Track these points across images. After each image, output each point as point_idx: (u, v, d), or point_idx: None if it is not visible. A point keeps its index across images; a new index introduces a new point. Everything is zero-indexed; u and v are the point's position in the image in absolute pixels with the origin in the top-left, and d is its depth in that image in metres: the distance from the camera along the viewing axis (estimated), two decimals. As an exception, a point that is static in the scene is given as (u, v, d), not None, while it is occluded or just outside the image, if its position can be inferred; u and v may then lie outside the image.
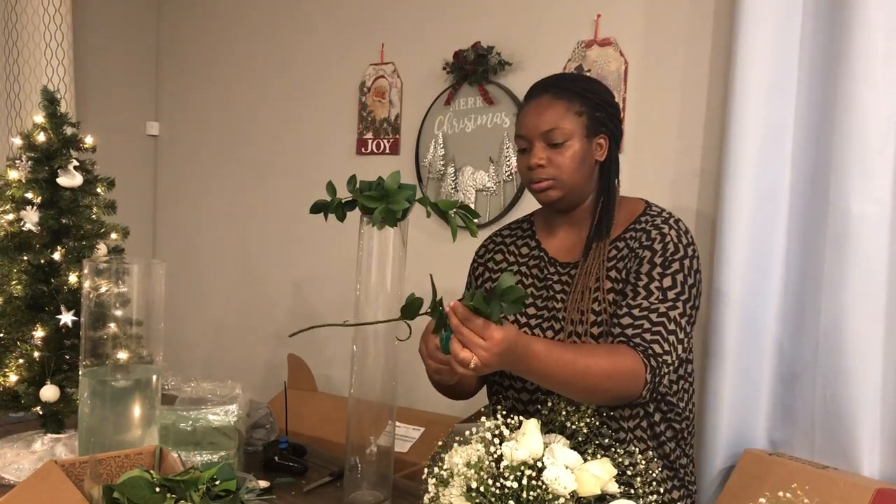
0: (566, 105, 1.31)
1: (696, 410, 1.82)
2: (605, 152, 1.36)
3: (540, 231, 1.46)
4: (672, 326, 1.22)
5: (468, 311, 1.01)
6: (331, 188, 1.24)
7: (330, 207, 1.23)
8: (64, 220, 1.41)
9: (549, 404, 1.21)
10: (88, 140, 1.45)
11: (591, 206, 1.38)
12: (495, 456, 0.92)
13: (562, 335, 1.32)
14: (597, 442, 1.10)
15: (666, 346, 1.21)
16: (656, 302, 1.23)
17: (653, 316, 1.22)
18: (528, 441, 0.92)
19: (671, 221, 1.32)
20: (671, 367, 1.22)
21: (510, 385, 1.42)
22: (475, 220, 1.26)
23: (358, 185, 1.20)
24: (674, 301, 1.24)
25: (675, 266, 1.26)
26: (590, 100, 1.33)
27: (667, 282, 1.25)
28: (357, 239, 1.23)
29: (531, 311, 1.38)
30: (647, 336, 1.20)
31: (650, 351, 1.19)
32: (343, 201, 1.23)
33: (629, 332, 1.22)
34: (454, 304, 1.03)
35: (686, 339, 1.25)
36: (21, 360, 1.36)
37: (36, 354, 1.36)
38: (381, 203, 1.17)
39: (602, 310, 1.28)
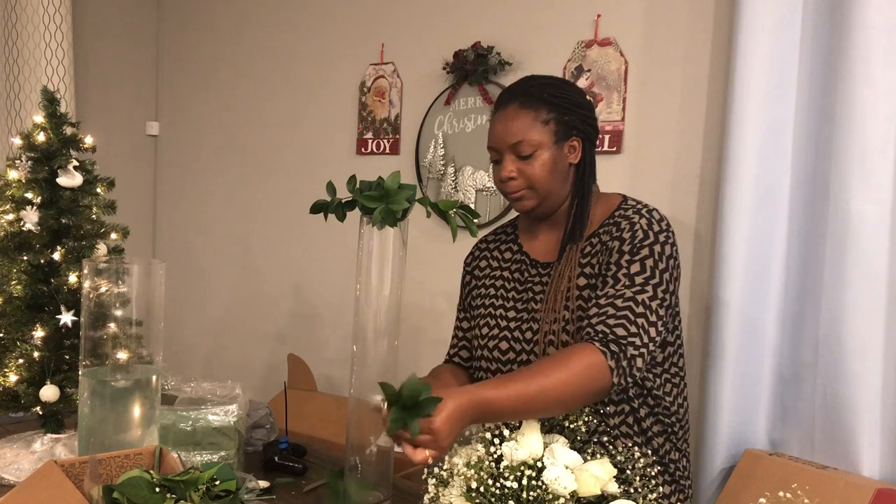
0: (532, 115, 1.30)
1: (697, 410, 1.82)
2: (579, 153, 1.34)
3: (522, 234, 1.46)
4: (640, 309, 1.19)
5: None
6: (331, 188, 1.24)
7: (330, 207, 1.23)
8: (64, 220, 1.41)
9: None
10: (88, 140, 1.45)
11: (568, 207, 1.37)
12: (495, 456, 0.92)
13: (539, 336, 1.32)
14: (595, 440, 1.10)
15: (632, 329, 1.17)
16: (622, 288, 1.21)
17: (618, 302, 1.20)
18: (528, 441, 0.92)
19: (643, 211, 1.30)
20: (642, 350, 1.17)
21: None
22: (475, 220, 1.26)
23: (358, 185, 1.20)
24: (642, 285, 1.21)
25: (644, 252, 1.24)
26: (557, 105, 1.30)
27: (634, 268, 1.23)
28: (357, 239, 1.23)
29: (511, 314, 1.38)
30: (611, 322, 1.18)
31: (611, 336, 1.16)
32: (343, 201, 1.23)
33: (594, 321, 1.20)
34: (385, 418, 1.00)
35: (659, 323, 1.21)
36: (21, 360, 1.36)
37: (36, 354, 1.36)
38: (381, 203, 1.17)
39: (576, 308, 1.28)
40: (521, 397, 1.07)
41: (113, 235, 1.47)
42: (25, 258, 1.38)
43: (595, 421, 1.29)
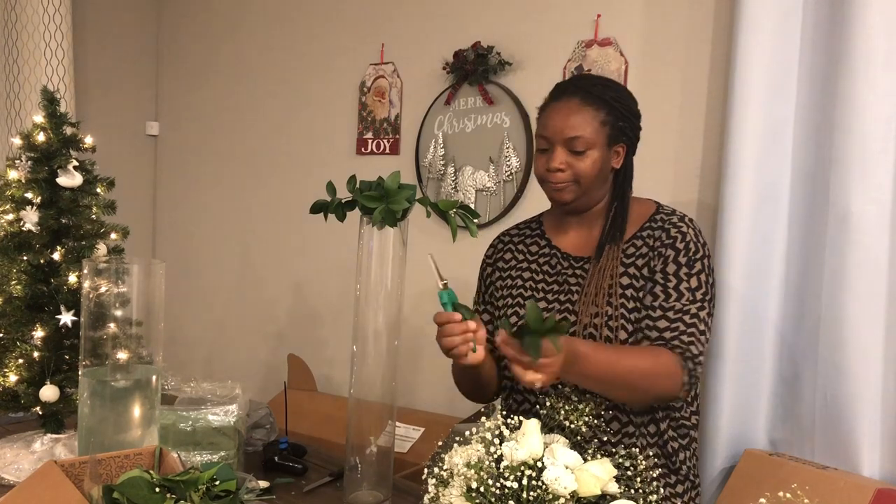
0: (593, 113, 1.32)
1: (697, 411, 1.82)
2: (622, 160, 1.39)
3: (550, 231, 1.49)
4: (702, 327, 1.29)
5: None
6: (331, 188, 1.24)
7: (330, 207, 1.23)
8: (64, 220, 1.41)
9: (549, 404, 1.20)
10: (88, 140, 1.45)
11: (603, 208, 1.41)
12: (495, 456, 0.92)
13: (577, 328, 1.34)
14: (597, 440, 1.10)
15: (701, 347, 1.28)
16: (687, 303, 1.29)
17: (686, 318, 1.28)
18: (528, 441, 0.92)
19: (686, 220, 1.36)
20: (702, 364, 1.29)
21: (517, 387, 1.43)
22: (475, 221, 1.26)
23: (358, 185, 1.20)
24: (701, 301, 1.30)
25: (698, 266, 1.32)
26: (616, 110, 1.34)
27: (693, 282, 1.30)
28: (357, 239, 1.23)
29: (542, 304, 1.40)
30: (685, 339, 1.27)
31: (688, 353, 1.26)
32: (343, 201, 1.23)
33: (667, 335, 1.28)
34: (504, 338, 1.09)
35: (709, 332, 1.32)
36: (21, 360, 1.36)
37: (36, 354, 1.36)
38: (381, 203, 1.17)
39: (619, 304, 1.32)
40: (609, 365, 1.20)
41: (113, 235, 1.47)
42: (25, 258, 1.38)
43: (615, 421, 1.30)
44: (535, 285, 1.44)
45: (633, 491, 0.97)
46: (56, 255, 1.38)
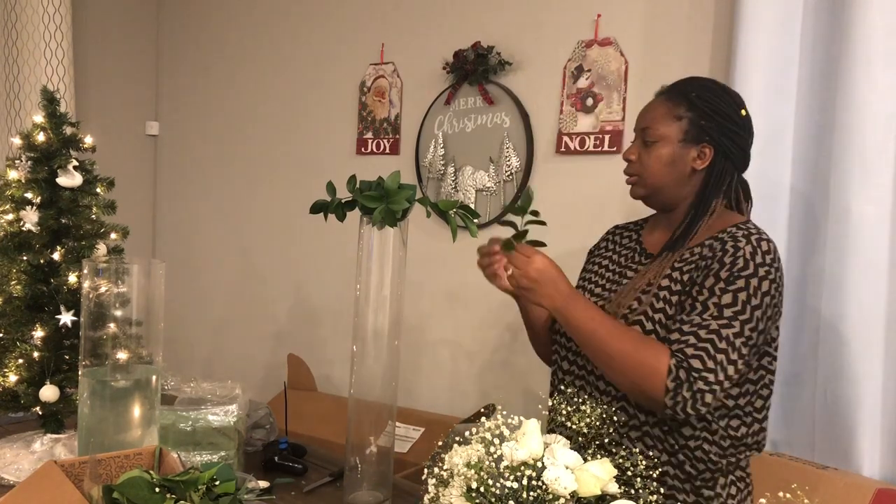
0: (669, 108, 1.30)
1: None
2: (708, 162, 1.30)
3: (647, 227, 1.45)
4: (722, 345, 1.15)
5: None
6: (331, 188, 1.24)
7: (330, 207, 1.23)
8: (64, 220, 1.40)
9: (550, 404, 1.20)
10: (88, 140, 1.45)
11: (684, 211, 1.34)
12: (495, 456, 0.92)
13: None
14: (597, 442, 1.10)
15: (709, 364, 1.14)
16: (709, 318, 1.17)
17: (702, 332, 1.16)
18: (528, 441, 0.92)
19: (753, 238, 1.22)
20: (714, 388, 1.14)
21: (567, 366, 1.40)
22: (475, 221, 1.26)
23: (358, 185, 1.20)
24: (730, 319, 1.16)
25: (740, 283, 1.18)
26: (697, 107, 1.29)
27: (726, 298, 1.17)
28: (357, 239, 1.23)
29: (598, 290, 1.40)
30: (689, 351, 1.15)
31: (685, 364, 1.15)
32: (343, 201, 1.23)
33: (674, 347, 1.18)
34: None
35: (740, 362, 1.16)
36: (21, 360, 1.36)
37: (36, 354, 1.36)
38: (381, 203, 1.17)
39: (647, 302, 1.26)
40: (593, 322, 1.21)
41: (113, 235, 1.47)
42: (25, 258, 1.38)
43: (623, 412, 1.28)
44: (605, 273, 1.42)
45: (633, 491, 0.97)
46: (56, 255, 1.38)
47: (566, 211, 2.09)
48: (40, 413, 1.40)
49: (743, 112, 1.31)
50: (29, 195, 1.37)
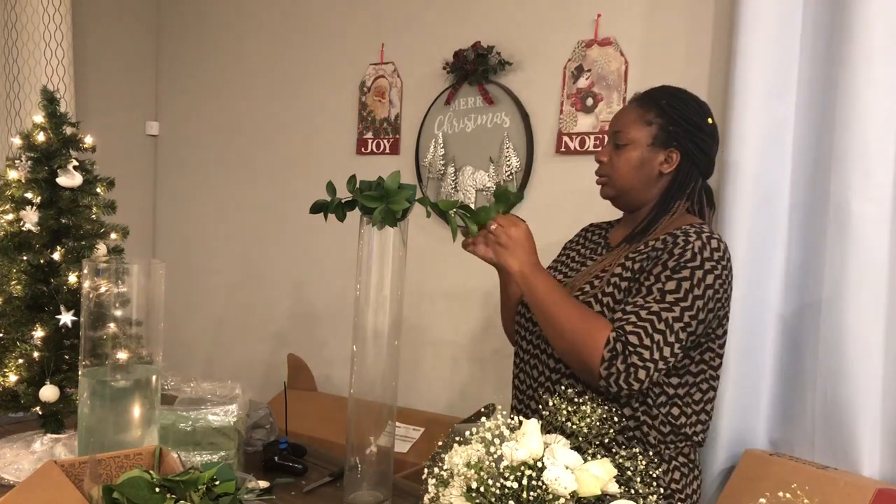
0: (640, 113, 1.37)
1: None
2: (674, 167, 1.36)
3: (617, 226, 1.52)
4: (661, 326, 1.21)
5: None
6: (331, 188, 1.24)
7: (330, 207, 1.23)
8: (64, 220, 1.40)
9: (550, 404, 1.21)
10: (88, 140, 1.45)
11: (648, 211, 1.40)
12: (495, 456, 0.92)
13: None
14: (597, 442, 1.10)
15: (646, 341, 1.20)
16: (652, 301, 1.23)
17: (643, 313, 1.22)
18: (528, 441, 0.92)
19: (704, 235, 1.27)
20: (648, 365, 1.20)
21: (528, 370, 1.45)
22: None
23: (358, 185, 1.20)
24: (671, 304, 1.22)
25: (685, 273, 1.24)
26: (667, 113, 1.35)
27: (670, 285, 1.23)
28: (356, 239, 1.23)
29: (559, 276, 1.48)
30: (629, 328, 1.21)
31: (623, 338, 1.20)
32: (343, 201, 1.23)
33: (616, 323, 1.24)
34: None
35: (676, 345, 1.22)
36: (21, 360, 1.36)
37: (36, 354, 1.36)
38: (381, 203, 1.17)
39: (598, 288, 1.32)
40: (548, 291, 1.27)
41: (113, 235, 1.46)
42: (25, 258, 1.37)
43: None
44: (569, 262, 1.51)
45: (632, 491, 0.97)
46: (56, 255, 1.38)
47: (566, 211, 2.09)
48: (40, 413, 1.40)
49: (710, 120, 1.39)
50: (29, 195, 1.37)
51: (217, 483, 0.94)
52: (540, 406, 1.07)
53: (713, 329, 1.32)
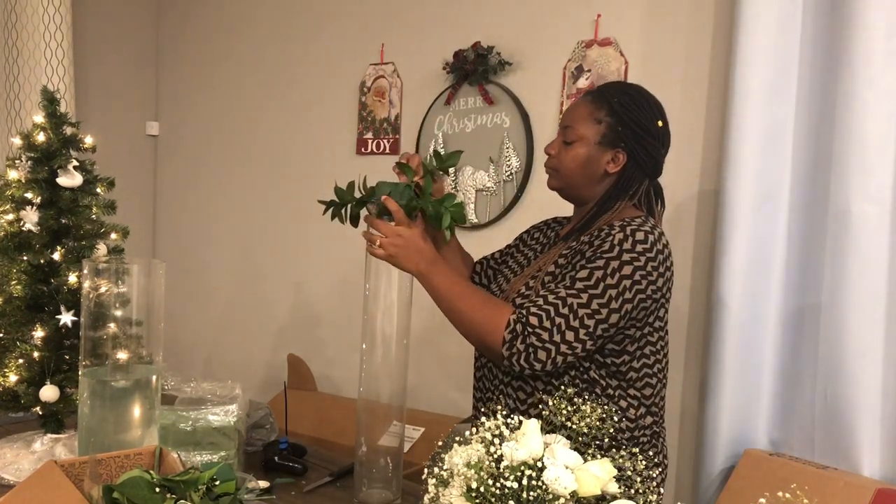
0: (591, 110, 1.36)
1: (697, 410, 1.82)
2: (619, 167, 1.35)
3: (569, 221, 1.51)
4: (564, 311, 1.21)
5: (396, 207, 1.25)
6: (340, 191, 1.25)
7: (348, 206, 1.25)
8: (64, 220, 1.40)
9: (551, 404, 1.20)
10: (88, 140, 1.45)
11: (588, 209, 1.39)
12: (495, 456, 0.92)
13: (501, 297, 1.41)
14: (597, 443, 1.10)
15: (545, 323, 1.20)
16: (560, 287, 1.23)
17: (550, 297, 1.23)
18: (528, 441, 0.92)
19: (629, 228, 1.26)
20: (549, 347, 1.20)
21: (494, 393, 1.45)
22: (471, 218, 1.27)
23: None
24: (579, 291, 1.22)
25: (599, 262, 1.23)
26: (617, 113, 1.34)
27: (582, 273, 1.23)
28: (355, 237, 1.24)
29: (506, 270, 1.52)
30: (532, 309, 1.22)
31: (524, 319, 1.21)
32: (353, 203, 1.25)
33: (518, 305, 1.28)
34: (385, 199, 1.25)
35: (581, 331, 1.21)
36: (21, 360, 1.36)
37: (36, 354, 1.36)
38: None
39: (532, 289, 1.33)
40: (449, 284, 1.27)
41: (113, 235, 1.47)
42: (25, 258, 1.38)
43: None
44: (518, 256, 1.54)
45: (632, 491, 0.97)
46: (56, 255, 1.38)
47: (565, 211, 2.08)
48: (40, 413, 1.40)
49: (660, 123, 1.36)
50: (29, 195, 1.37)
51: (217, 483, 0.94)
52: (498, 407, 1.07)
53: (643, 322, 1.30)
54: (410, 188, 1.25)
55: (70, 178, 1.39)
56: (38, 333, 1.35)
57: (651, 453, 1.36)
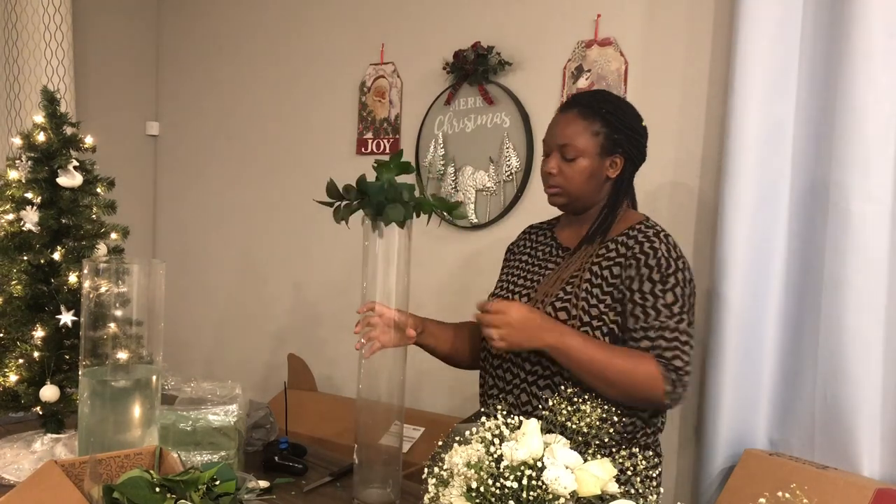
0: (586, 125, 1.42)
1: (697, 410, 1.82)
2: (619, 170, 1.45)
3: (559, 226, 1.59)
4: (684, 338, 1.34)
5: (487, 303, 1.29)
6: (335, 188, 1.24)
7: (346, 209, 1.24)
8: (64, 220, 1.40)
9: (550, 403, 1.21)
10: (88, 140, 1.45)
11: (597, 212, 1.48)
12: (495, 456, 0.92)
13: (529, 303, 1.43)
14: (598, 442, 1.10)
15: (685, 359, 1.33)
16: (665, 319, 1.34)
17: (666, 334, 1.33)
18: (528, 441, 0.92)
19: (661, 236, 1.40)
20: (690, 373, 1.34)
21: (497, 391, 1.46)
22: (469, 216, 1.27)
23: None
24: (679, 315, 1.35)
25: (672, 280, 1.36)
26: (611, 123, 1.42)
27: (669, 297, 1.35)
28: (355, 238, 1.24)
29: (520, 282, 1.52)
30: (668, 354, 1.33)
31: (671, 366, 1.32)
32: (355, 202, 1.25)
33: (654, 353, 1.33)
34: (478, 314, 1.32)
35: (692, 343, 1.36)
36: (21, 360, 1.36)
37: (36, 354, 1.36)
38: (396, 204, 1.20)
39: (571, 292, 1.39)
40: (589, 349, 1.30)
41: (113, 235, 1.47)
42: (25, 258, 1.38)
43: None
44: (525, 266, 1.55)
45: (633, 491, 0.97)
46: (56, 255, 1.38)
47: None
48: (40, 413, 1.40)
49: (643, 122, 1.48)
50: (29, 195, 1.37)
51: (217, 483, 0.94)
52: (512, 409, 1.09)
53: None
54: (393, 185, 1.23)
55: (70, 178, 1.39)
56: (39, 333, 1.35)
57: (650, 453, 1.38)
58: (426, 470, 1.00)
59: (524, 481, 0.88)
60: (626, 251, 1.39)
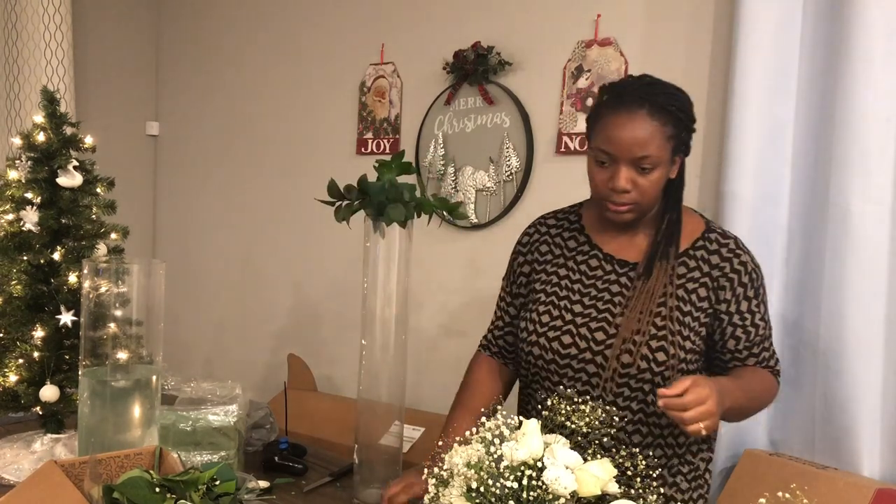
0: (660, 128, 1.20)
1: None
2: (678, 169, 1.29)
3: (590, 227, 1.39)
4: (772, 339, 1.36)
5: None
6: (337, 189, 1.24)
7: (347, 209, 1.24)
8: (64, 220, 1.40)
9: (550, 403, 1.20)
10: (88, 140, 1.45)
11: (654, 216, 1.32)
12: (495, 456, 0.92)
13: (614, 340, 1.26)
14: (598, 442, 1.10)
15: (777, 357, 1.37)
16: (763, 331, 1.33)
17: (766, 343, 1.35)
18: (528, 441, 0.92)
19: (741, 245, 1.32)
20: None
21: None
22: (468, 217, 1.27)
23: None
24: (769, 321, 1.35)
25: (762, 291, 1.34)
26: (681, 122, 1.23)
27: (762, 308, 1.34)
28: (355, 238, 1.24)
29: (577, 307, 1.31)
30: (772, 362, 1.36)
31: (776, 371, 1.37)
32: (355, 202, 1.25)
33: (766, 365, 1.35)
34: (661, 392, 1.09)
35: None
36: (21, 360, 1.36)
37: (36, 354, 1.36)
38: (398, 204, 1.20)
39: (664, 325, 1.25)
40: (743, 393, 1.24)
41: (113, 235, 1.47)
42: (25, 258, 1.38)
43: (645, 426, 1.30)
44: (572, 285, 1.34)
45: (633, 491, 0.97)
46: (56, 255, 1.38)
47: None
48: (40, 413, 1.40)
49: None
50: (29, 195, 1.37)
51: (217, 483, 0.94)
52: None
53: None
54: (395, 185, 1.22)
55: (70, 178, 1.39)
56: (38, 333, 1.35)
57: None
58: (426, 470, 1.00)
59: (524, 481, 0.88)
60: (711, 270, 1.28)
